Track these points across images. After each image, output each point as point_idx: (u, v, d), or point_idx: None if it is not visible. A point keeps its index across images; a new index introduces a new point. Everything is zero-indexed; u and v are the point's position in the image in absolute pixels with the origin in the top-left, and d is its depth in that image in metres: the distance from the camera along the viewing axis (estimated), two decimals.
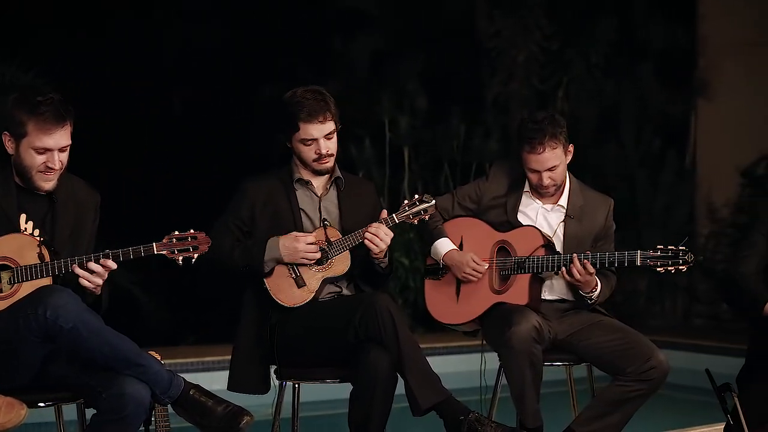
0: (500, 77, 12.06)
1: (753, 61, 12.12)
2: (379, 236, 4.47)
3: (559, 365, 4.88)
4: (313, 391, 5.22)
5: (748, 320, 4.47)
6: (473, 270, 4.79)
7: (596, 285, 4.76)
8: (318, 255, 4.50)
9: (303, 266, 4.53)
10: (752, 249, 4.47)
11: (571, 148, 4.84)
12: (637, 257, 4.61)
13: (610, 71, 12.36)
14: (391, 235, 4.51)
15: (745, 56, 12.22)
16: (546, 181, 4.77)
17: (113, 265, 4.00)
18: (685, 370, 6.89)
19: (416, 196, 4.58)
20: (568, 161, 4.84)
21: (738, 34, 12.35)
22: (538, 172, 4.76)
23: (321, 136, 4.59)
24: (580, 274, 4.63)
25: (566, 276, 4.69)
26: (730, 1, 12.46)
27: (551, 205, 4.91)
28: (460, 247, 4.90)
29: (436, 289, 4.95)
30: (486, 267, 4.82)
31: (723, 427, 4.29)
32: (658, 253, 4.60)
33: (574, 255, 4.66)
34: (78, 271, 3.96)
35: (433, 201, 4.57)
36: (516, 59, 12.03)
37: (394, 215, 4.53)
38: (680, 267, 4.58)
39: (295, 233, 4.53)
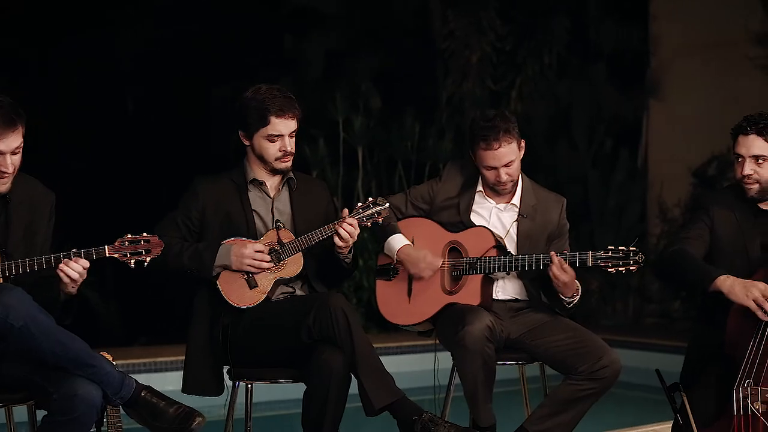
0: (454, 77, 12.10)
1: (704, 61, 12.24)
2: (350, 232, 4.46)
3: (511, 364, 4.89)
4: (266, 392, 5.21)
5: (696, 295, 4.47)
6: (429, 264, 4.79)
7: (578, 290, 4.77)
8: (268, 264, 4.48)
9: None
10: (697, 237, 4.48)
11: (523, 143, 4.86)
12: (589, 258, 4.63)
13: (562, 72, 12.44)
14: (358, 230, 4.50)
15: (696, 57, 12.34)
16: (504, 177, 4.78)
17: (85, 264, 3.98)
18: (636, 369, 6.94)
19: (370, 199, 4.57)
20: (521, 157, 4.85)
21: (689, 35, 12.47)
22: (495, 168, 4.77)
23: (287, 133, 4.59)
24: (559, 272, 4.62)
25: (554, 276, 4.67)
26: (682, 2, 12.56)
27: (504, 205, 4.91)
28: None
29: (388, 289, 4.95)
30: (441, 261, 4.82)
31: (672, 425, 4.32)
32: (609, 254, 4.62)
33: (552, 253, 4.65)
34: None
35: (387, 204, 4.56)
36: (470, 60, 12.08)
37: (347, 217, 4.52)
38: (631, 267, 4.60)
39: (246, 241, 4.51)
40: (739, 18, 11.84)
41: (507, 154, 4.75)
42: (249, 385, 4.55)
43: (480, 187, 4.92)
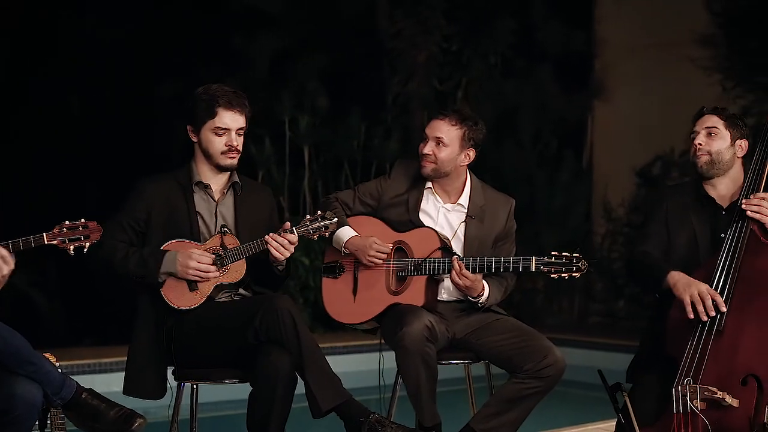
0: (400, 77, 12.12)
1: (648, 63, 12.35)
2: (285, 246, 4.46)
3: (457, 363, 4.92)
4: (212, 392, 5.19)
5: (655, 296, 4.55)
6: (377, 252, 4.80)
7: (483, 289, 4.79)
8: (213, 275, 4.47)
9: None
10: (656, 233, 4.55)
11: (471, 152, 4.89)
12: (532, 263, 4.65)
13: (508, 72, 12.50)
14: (296, 244, 4.50)
15: (640, 59, 12.45)
16: (425, 149, 4.83)
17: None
18: (581, 368, 6.99)
19: (318, 213, 4.55)
20: (457, 150, 4.88)
21: (633, 37, 12.57)
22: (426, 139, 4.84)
23: (235, 128, 4.57)
24: (458, 278, 4.67)
25: (453, 282, 4.72)
26: (626, 4, 12.66)
27: (452, 205, 4.93)
28: None
29: (334, 288, 4.95)
30: (389, 247, 4.83)
31: (615, 423, 4.36)
32: (553, 260, 4.64)
33: (454, 258, 4.69)
34: None
35: (335, 219, 4.55)
36: (416, 59, 12.10)
37: (294, 228, 4.50)
38: (573, 274, 4.63)
39: (190, 244, 4.49)
40: (682, 20, 11.97)
41: (439, 128, 4.83)
42: (194, 386, 4.53)
43: (429, 185, 4.94)
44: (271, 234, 4.45)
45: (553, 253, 4.65)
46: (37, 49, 10.30)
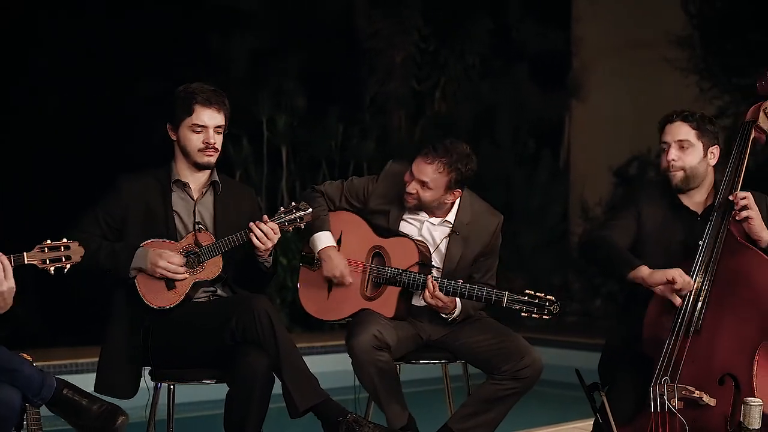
0: (378, 77, 12.12)
1: (625, 63, 12.41)
2: (268, 235, 4.44)
3: (434, 363, 4.92)
4: (189, 393, 5.17)
5: (616, 280, 4.53)
6: (341, 277, 4.81)
7: (454, 308, 4.77)
8: (182, 276, 4.45)
9: None
10: (624, 226, 4.53)
11: (457, 192, 4.80)
12: (504, 299, 4.60)
13: (486, 72, 12.52)
14: (279, 234, 4.48)
15: (617, 59, 12.51)
16: (410, 188, 4.75)
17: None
18: (558, 367, 7.00)
19: (293, 204, 4.53)
20: (448, 195, 4.80)
21: (610, 37, 12.64)
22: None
23: (212, 125, 4.55)
24: (431, 299, 4.65)
25: (426, 301, 4.69)
26: (603, 4, 12.71)
27: (439, 220, 4.88)
28: (339, 242, 4.89)
29: (310, 281, 4.93)
30: (350, 282, 4.81)
31: (593, 423, 4.37)
32: (526, 299, 4.59)
33: (429, 277, 4.66)
34: None
35: (310, 209, 4.52)
36: (394, 59, 12.11)
37: (268, 221, 4.48)
38: (544, 316, 4.57)
39: (164, 243, 4.48)
40: (659, 21, 12.02)
41: (425, 173, 4.71)
42: (171, 386, 4.51)
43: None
44: (255, 222, 4.43)
45: (527, 291, 4.59)
46: (15, 48, 10.25)
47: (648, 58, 12.14)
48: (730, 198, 4.32)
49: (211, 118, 4.55)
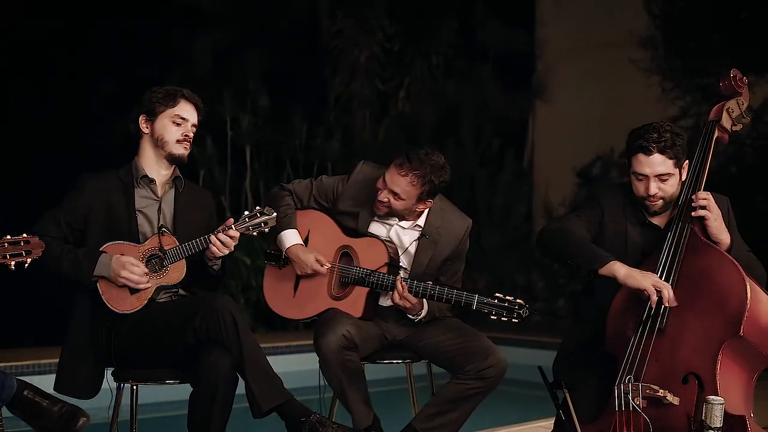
0: (342, 77, 12.11)
1: (588, 64, 12.46)
2: (225, 244, 4.43)
3: (398, 363, 4.92)
4: (152, 393, 5.14)
5: (579, 274, 4.47)
6: (313, 271, 4.79)
7: (422, 309, 4.78)
8: (145, 286, 4.43)
9: None
10: (587, 222, 4.51)
11: (429, 202, 4.81)
12: (474, 302, 4.61)
13: (450, 72, 12.53)
14: (236, 241, 4.47)
15: (581, 60, 12.56)
16: (381, 197, 4.74)
17: None
18: (522, 366, 7.01)
19: (257, 208, 4.52)
20: (420, 205, 4.79)
21: (574, 39, 12.69)
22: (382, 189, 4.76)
23: (191, 121, 4.61)
24: (399, 299, 4.66)
25: (395, 303, 4.70)
26: (567, 5, 12.76)
27: (409, 223, 4.87)
28: (306, 241, 4.88)
29: (276, 278, 4.92)
30: (326, 269, 4.81)
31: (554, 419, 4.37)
32: (495, 302, 4.61)
33: (398, 278, 4.67)
34: None
35: (274, 214, 4.51)
36: (358, 59, 12.10)
37: (233, 226, 4.46)
38: (513, 320, 4.58)
39: (127, 247, 4.44)
40: (622, 22, 12.09)
41: (397, 184, 4.69)
42: (134, 387, 4.48)
43: None
44: (215, 232, 4.42)
45: (497, 295, 4.60)
46: None
47: (611, 59, 12.20)
48: (693, 197, 4.34)
49: (191, 114, 4.63)
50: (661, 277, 4.24)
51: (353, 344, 4.58)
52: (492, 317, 4.59)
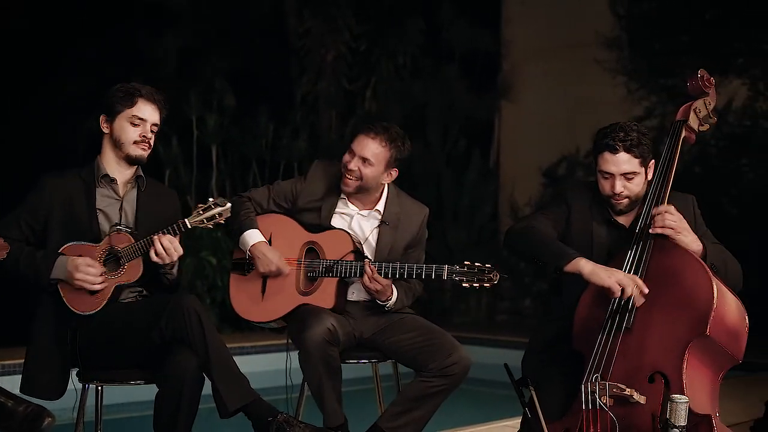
0: (309, 76, 12.09)
1: (554, 64, 12.51)
2: (166, 248, 4.39)
3: (364, 363, 4.92)
4: (118, 394, 5.12)
5: (547, 272, 4.47)
6: (279, 269, 4.78)
7: (391, 294, 4.81)
8: (99, 286, 4.39)
9: None
10: (554, 220, 4.52)
11: (395, 172, 4.90)
12: (444, 271, 4.66)
13: (417, 72, 12.55)
14: (180, 251, 4.43)
15: (546, 60, 12.60)
16: (351, 165, 4.81)
17: None
18: (489, 366, 7.03)
19: (210, 200, 4.50)
20: (385, 175, 4.87)
21: (540, 39, 12.73)
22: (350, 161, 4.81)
23: (150, 122, 4.57)
24: (370, 282, 4.69)
25: (365, 286, 4.74)
26: (533, 5, 12.81)
27: (368, 211, 4.93)
28: (269, 243, 4.87)
29: (242, 284, 4.91)
30: (288, 271, 4.81)
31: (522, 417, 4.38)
32: (465, 269, 4.65)
33: (366, 261, 4.71)
34: None
35: (228, 204, 4.50)
36: (325, 59, 12.09)
37: (186, 220, 4.44)
38: (485, 284, 4.65)
39: (79, 262, 4.41)
40: (588, 22, 12.15)
41: (367, 147, 4.80)
42: (99, 387, 4.46)
43: (343, 195, 4.92)
44: (158, 234, 4.39)
45: (465, 262, 4.66)
46: None
47: (577, 59, 12.25)
48: (653, 212, 4.34)
49: (151, 114, 4.58)
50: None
51: (337, 339, 4.58)
52: (464, 285, 4.66)
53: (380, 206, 4.93)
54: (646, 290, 4.18)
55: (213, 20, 11.55)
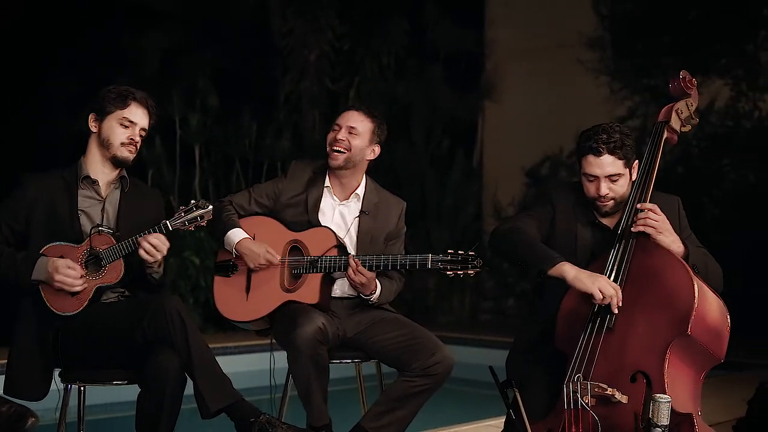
0: (292, 76, 12.08)
1: (537, 64, 12.54)
2: (157, 247, 4.39)
3: (347, 362, 4.92)
4: (101, 394, 5.11)
5: (533, 275, 4.47)
6: (268, 258, 4.79)
7: (375, 288, 4.83)
8: (79, 288, 4.38)
9: None
10: (539, 221, 4.53)
11: (377, 148, 5.01)
12: (428, 261, 4.70)
13: (400, 72, 12.55)
14: (167, 244, 4.44)
15: (530, 60, 12.63)
16: (340, 135, 4.91)
17: None
18: (473, 365, 7.04)
19: (192, 202, 4.49)
20: (369, 150, 4.97)
21: (523, 39, 12.76)
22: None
23: (140, 126, 4.58)
24: (354, 275, 4.70)
25: (349, 279, 4.75)
26: (516, 7, 12.83)
27: (347, 201, 4.97)
28: None
29: (226, 286, 4.91)
30: (277, 262, 4.81)
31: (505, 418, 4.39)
32: (449, 258, 4.71)
33: (350, 255, 4.74)
34: None
35: (210, 207, 4.49)
36: (308, 58, 12.08)
37: (168, 222, 4.43)
38: (469, 272, 4.70)
39: (59, 263, 4.39)
40: (571, 22, 12.17)
41: (352, 118, 4.99)
42: (81, 388, 4.45)
43: (327, 183, 4.95)
44: (144, 234, 4.39)
45: (449, 251, 4.70)
46: None
47: (560, 59, 12.28)
48: (638, 206, 4.35)
49: (141, 118, 4.59)
50: (610, 277, 4.26)
51: (327, 338, 4.58)
52: (448, 273, 4.72)
53: (360, 191, 4.98)
54: (615, 311, 4.20)
55: (196, 20, 11.53)
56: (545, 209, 4.59)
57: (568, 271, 4.24)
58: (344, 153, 4.90)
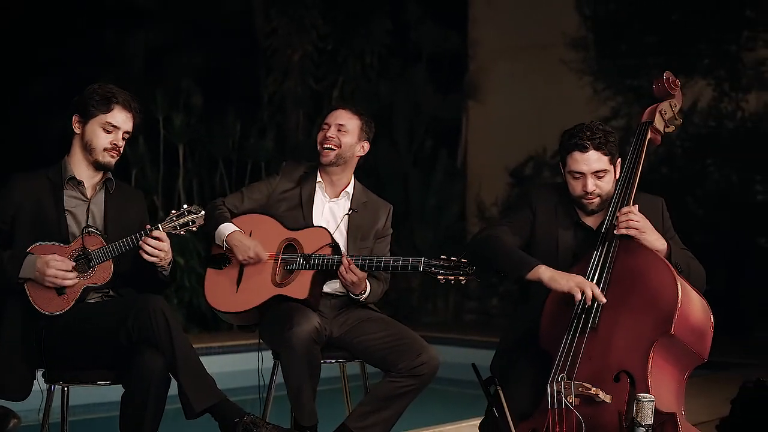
0: (276, 76, 12.08)
1: (521, 64, 12.56)
2: (158, 246, 4.39)
3: (332, 362, 4.92)
4: (84, 394, 5.09)
5: (512, 281, 4.49)
6: (257, 253, 4.79)
7: (366, 287, 4.85)
8: (71, 282, 4.37)
9: None
10: (518, 227, 4.54)
11: (366, 145, 5.05)
12: (420, 264, 4.70)
13: (384, 72, 12.55)
14: (166, 241, 4.44)
15: (513, 60, 12.65)
16: (329, 133, 4.93)
17: None
18: (457, 365, 7.05)
19: (185, 206, 4.49)
20: (358, 147, 5.01)
21: (507, 39, 12.78)
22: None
23: (123, 130, 4.55)
24: (346, 273, 4.71)
25: (341, 277, 4.75)
26: (500, 7, 12.84)
27: (337, 198, 5.00)
28: None
29: (218, 276, 4.91)
30: (266, 258, 4.81)
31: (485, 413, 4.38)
32: (441, 263, 4.70)
33: (344, 254, 4.76)
34: None
35: (202, 212, 4.50)
36: (291, 58, 12.07)
37: (160, 225, 4.44)
38: (460, 278, 4.69)
39: (53, 247, 4.39)
40: (554, 23, 12.20)
41: (341, 116, 5.02)
42: (65, 388, 4.43)
43: (319, 179, 4.98)
44: (142, 234, 4.38)
45: (442, 256, 4.69)
46: None
47: (543, 59, 12.30)
48: (618, 214, 4.36)
49: (124, 122, 4.56)
50: (593, 278, 4.28)
51: (321, 339, 4.59)
52: (439, 278, 4.70)
53: (350, 190, 5.02)
54: (603, 300, 4.21)
55: (180, 20, 11.52)
56: (524, 213, 4.59)
57: (544, 273, 4.27)
58: (335, 150, 4.94)
